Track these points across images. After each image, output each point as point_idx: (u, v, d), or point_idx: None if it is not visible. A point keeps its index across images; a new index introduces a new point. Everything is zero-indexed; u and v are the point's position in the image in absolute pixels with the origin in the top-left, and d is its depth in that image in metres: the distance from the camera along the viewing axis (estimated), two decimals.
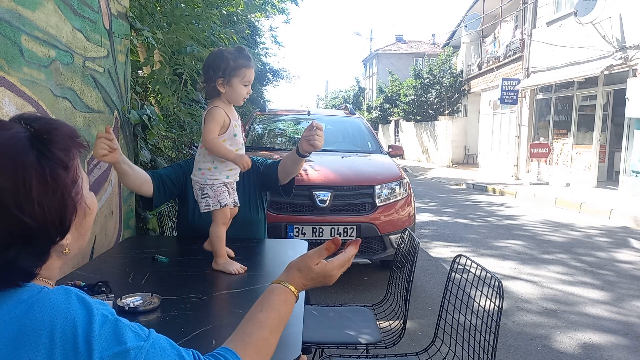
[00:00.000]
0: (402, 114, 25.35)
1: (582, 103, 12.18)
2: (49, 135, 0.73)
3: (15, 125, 0.73)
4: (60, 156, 0.73)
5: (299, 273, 0.99)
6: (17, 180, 0.67)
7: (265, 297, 0.95)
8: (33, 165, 0.69)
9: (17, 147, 0.69)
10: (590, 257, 5.47)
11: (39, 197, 0.69)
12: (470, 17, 18.58)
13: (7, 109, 1.67)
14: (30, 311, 0.67)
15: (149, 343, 0.72)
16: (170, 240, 2.81)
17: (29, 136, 0.71)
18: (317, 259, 1.01)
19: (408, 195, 4.43)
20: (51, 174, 0.71)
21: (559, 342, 3.29)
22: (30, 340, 0.65)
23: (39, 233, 0.71)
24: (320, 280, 1.02)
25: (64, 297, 0.69)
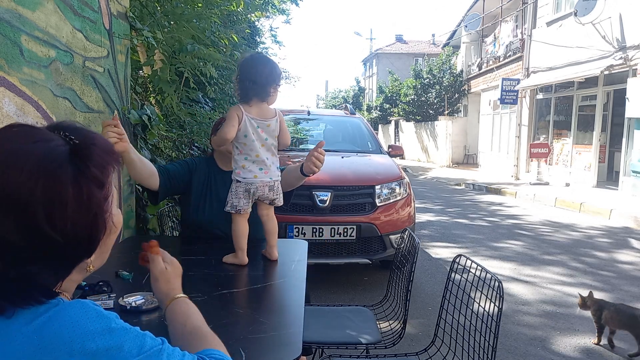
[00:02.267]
0: (402, 113, 25.35)
1: (582, 103, 12.18)
2: (87, 151, 0.71)
3: (55, 137, 0.71)
4: (97, 174, 0.71)
5: (168, 284, 1.08)
6: (52, 195, 0.66)
7: (175, 316, 1.00)
8: (70, 182, 0.68)
9: (56, 162, 0.68)
10: (590, 258, 5.47)
11: (73, 214, 0.68)
12: (470, 17, 18.58)
13: (7, 109, 1.67)
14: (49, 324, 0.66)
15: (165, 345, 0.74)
16: (171, 240, 2.80)
17: (69, 150, 0.70)
18: (161, 264, 1.12)
19: (408, 195, 4.43)
20: (87, 193, 0.69)
21: (559, 344, 3.29)
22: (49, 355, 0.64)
23: (66, 251, 0.69)
24: (178, 271, 1.13)
25: (82, 311, 0.68)
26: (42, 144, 0.69)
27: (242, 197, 1.94)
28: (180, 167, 2.37)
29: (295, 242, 2.49)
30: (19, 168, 0.65)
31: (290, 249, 2.25)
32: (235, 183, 1.96)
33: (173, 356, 0.73)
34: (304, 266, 1.93)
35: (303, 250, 2.13)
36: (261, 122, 1.93)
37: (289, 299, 1.65)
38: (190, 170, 2.38)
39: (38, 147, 0.68)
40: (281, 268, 1.97)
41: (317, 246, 4.02)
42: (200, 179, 2.39)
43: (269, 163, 1.95)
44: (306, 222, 4.01)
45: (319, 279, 4.37)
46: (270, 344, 1.30)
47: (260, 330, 1.34)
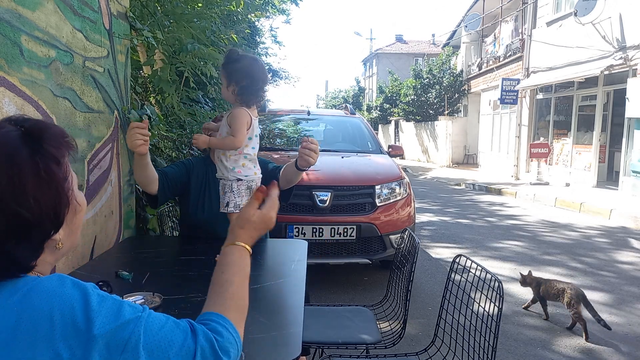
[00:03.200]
0: (402, 114, 25.35)
1: (582, 103, 12.18)
2: (40, 133, 0.76)
3: (6, 125, 0.76)
4: (52, 152, 0.76)
5: (241, 230, 1.02)
6: (12, 176, 0.71)
7: (222, 260, 0.98)
8: (27, 162, 0.73)
9: (10, 145, 0.73)
10: (590, 258, 5.47)
11: (35, 191, 0.73)
12: (470, 17, 18.58)
13: (7, 109, 1.67)
14: (27, 298, 0.70)
15: (145, 314, 0.76)
16: (171, 240, 2.81)
17: (21, 134, 0.75)
18: (252, 209, 1.05)
19: (408, 195, 4.43)
20: (45, 169, 0.74)
21: (558, 344, 3.29)
22: (30, 325, 0.67)
23: (35, 226, 0.74)
24: (263, 226, 1.05)
25: (58, 282, 0.72)
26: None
27: (245, 195, 1.97)
28: (177, 169, 2.38)
29: (295, 242, 2.49)
30: None
31: (290, 249, 2.26)
32: (236, 182, 1.97)
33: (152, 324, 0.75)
34: (304, 266, 1.93)
35: (303, 250, 2.13)
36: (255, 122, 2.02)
37: (288, 299, 1.66)
38: (188, 171, 2.39)
39: None
40: (281, 268, 1.97)
41: (317, 246, 4.02)
42: (199, 178, 2.40)
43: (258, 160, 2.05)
44: (306, 222, 4.01)
45: (319, 279, 4.37)
46: (270, 344, 1.30)
47: (260, 330, 1.34)
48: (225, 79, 1.95)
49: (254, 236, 1.04)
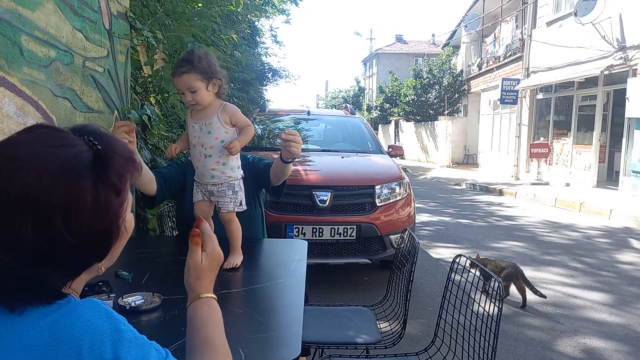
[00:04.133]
0: (402, 113, 25.35)
1: (582, 103, 12.18)
2: (109, 159, 0.73)
3: (80, 143, 0.73)
4: (115, 182, 0.73)
5: (198, 280, 0.99)
6: (71, 200, 0.68)
7: (194, 318, 0.95)
8: (90, 188, 0.70)
9: (78, 168, 0.69)
10: (590, 258, 5.47)
11: (89, 220, 0.70)
12: (470, 17, 18.58)
13: (7, 109, 1.67)
14: (58, 323, 0.67)
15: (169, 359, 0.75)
16: (171, 240, 2.81)
17: (92, 156, 0.72)
18: (197, 257, 1.01)
19: (408, 195, 4.43)
20: (105, 200, 0.71)
21: (559, 344, 3.29)
22: (58, 352, 0.65)
23: (79, 254, 0.71)
24: (215, 264, 1.03)
25: (92, 311, 0.70)
26: (66, 148, 0.71)
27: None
28: (173, 169, 2.37)
29: (295, 242, 2.49)
30: (42, 171, 0.67)
31: (290, 249, 2.25)
32: (240, 181, 1.98)
33: None
34: (304, 266, 1.93)
35: (303, 250, 2.13)
36: None
37: (288, 299, 1.65)
38: (184, 171, 2.38)
39: (62, 152, 0.70)
40: (281, 268, 1.97)
41: (317, 246, 4.02)
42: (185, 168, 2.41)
43: None
44: (306, 222, 4.01)
45: (319, 279, 4.37)
46: (269, 344, 1.30)
47: (260, 330, 1.34)
48: (201, 81, 1.81)
49: (212, 279, 1.02)
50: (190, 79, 1.80)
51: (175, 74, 1.83)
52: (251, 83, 13.33)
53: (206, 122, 1.89)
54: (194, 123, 1.90)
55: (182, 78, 1.81)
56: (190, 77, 1.80)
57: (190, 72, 1.80)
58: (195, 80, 1.80)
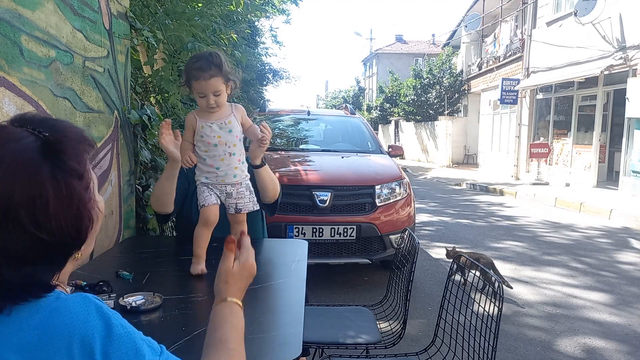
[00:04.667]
0: (402, 113, 25.35)
1: (582, 103, 12.19)
2: (60, 145, 0.69)
3: (25, 135, 0.69)
4: (74, 166, 0.70)
5: (227, 285, 1.00)
6: (33, 196, 0.65)
7: (215, 318, 0.96)
8: (48, 180, 0.66)
9: (31, 161, 0.66)
10: (590, 258, 5.47)
11: (56, 211, 0.67)
12: (470, 17, 18.58)
13: (7, 109, 1.67)
14: (48, 320, 0.66)
15: (163, 358, 0.73)
16: (171, 240, 2.81)
17: (41, 146, 0.68)
18: (229, 263, 1.02)
19: (408, 195, 4.43)
20: (66, 187, 0.68)
21: (559, 344, 3.29)
22: (49, 349, 0.65)
23: (56, 247, 0.69)
24: (246, 275, 1.04)
25: (82, 306, 0.69)
26: (12, 144, 0.66)
27: None
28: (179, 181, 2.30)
29: (295, 242, 2.49)
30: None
31: (290, 249, 2.25)
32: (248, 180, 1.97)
33: None
34: (304, 266, 1.93)
35: (303, 250, 2.13)
36: None
37: (289, 298, 1.65)
38: (187, 178, 2.33)
39: (9, 150, 0.66)
40: (281, 268, 1.97)
41: (317, 246, 4.02)
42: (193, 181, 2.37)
43: None
44: (306, 222, 4.01)
45: (319, 279, 4.37)
46: (270, 344, 1.30)
47: (260, 330, 1.34)
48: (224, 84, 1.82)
49: (241, 288, 1.02)
50: (218, 83, 1.80)
51: (202, 77, 1.78)
52: (251, 83, 13.33)
53: (225, 122, 1.88)
54: (210, 123, 1.86)
55: (211, 82, 1.79)
56: (218, 81, 1.80)
57: (218, 75, 1.80)
58: (221, 84, 1.81)
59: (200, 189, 1.90)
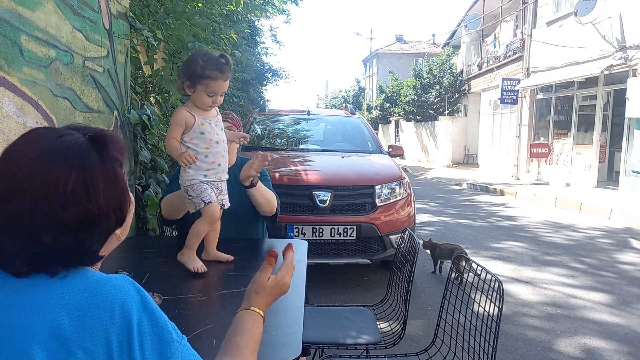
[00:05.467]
0: (402, 113, 25.35)
1: (582, 103, 12.18)
2: (104, 139, 0.85)
3: (73, 132, 0.84)
4: (117, 156, 0.86)
5: (257, 295, 1.08)
6: (86, 177, 0.80)
7: (237, 323, 1.04)
8: (98, 164, 0.82)
9: (82, 150, 0.81)
10: (590, 259, 5.46)
11: (104, 190, 0.82)
12: (470, 17, 18.57)
13: (7, 108, 1.67)
14: (96, 287, 0.79)
15: (184, 341, 0.84)
16: (171, 240, 2.80)
17: (89, 140, 0.83)
18: (266, 276, 1.10)
19: (408, 195, 4.43)
20: (112, 171, 0.84)
21: (559, 344, 3.29)
22: (95, 311, 0.76)
23: (103, 220, 0.83)
24: (277, 292, 1.12)
25: (123, 281, 0.82)
26: (66, 137, 0.82)
27: None
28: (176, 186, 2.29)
29: (295, 242, 2.48)
30: (55, 162, 0.78)
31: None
32: None
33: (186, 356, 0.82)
34: (304, 266, 1.93)
35: (303, 250, 2.13)
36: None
37: (288, 299, 1.64)
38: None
39: (65, 140, 0.81)
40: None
41: (317, 246, 4.02)
42: None
43: None
44: (306, 222, 4.01)
45: (319, 279, 4.36)
46: (270, 344, 1.30)
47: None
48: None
49: (268, 302, 1.10)
50: (227, 84, 1.86)
51: (221, 78, 1.80)
52: (251, 83, 13.32)
53: (218, 120, 1.92)
54: (209, 120, 1.86)
55: (226, 83, 1.84)
56: (228, 83, 1.87)
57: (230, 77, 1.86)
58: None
59: (200, 187, 1.88)
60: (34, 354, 0.71)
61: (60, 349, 0.73)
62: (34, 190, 0.77)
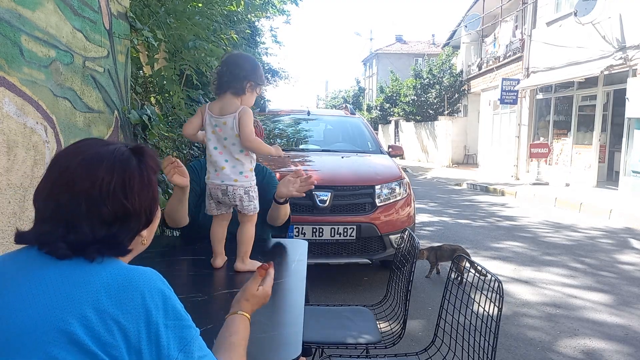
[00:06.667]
0: (402, 113, 25.36)
1: (582, 103, 12.19)
2: (142, 150, 1.01)
3: (117, 143, 1.01)
4: (152, 164, 1.01)
5: (246, 302, 1.21)
6: (124, 178, 0.94)
7: (230, 326, 1.14)
8: (136, 169, 0.97)
9: (124, 156, 0.97)
10: (590, 259, 5.47)
11: (139, 191, 0.96)
12: (470, 17, 18.57)
13: (7, 109, 1.67)
14: (130, 272, 0.91)
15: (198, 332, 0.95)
16: (171, 240, 2.80)
17: (129, 149, 0.99)
18: (256, 285, 1.24)
19: (408, 195, 4.43)
20: (147, 176, 0.99)
21: (559, 345, 3.29)
22: (129, 292, 0.88)
23: (135, 218, 0.96)
24: (262, 301, 1.25)
25: (151, 271, 0.94)
26: (111, 145, 0.98)
27: (208, 198, 1.88)
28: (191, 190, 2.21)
29: (295, 242, 2.49)
30: (101, 165, 0.93)
31: (290, 249, 2.25)
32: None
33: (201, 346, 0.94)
34: (304, 266, 1.93)
35: (303, 250, 2.13)
36: (218, 120, 1.79)
37: (289, 298, 1.65)
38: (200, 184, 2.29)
39: (110, 148, 0.97)
40: (281, 268, 1.96)
41: (317, 246, 4.02)
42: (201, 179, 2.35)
43: (224, 164, 1.81)
44: (306, 222, 4.01)
45: (319, 279, 4.37)
46: (270, 344, 1.30)
47: (260, 330, 1.34)
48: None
49: (254, 308, 1.22)
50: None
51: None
52: None
53: None
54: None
55: None
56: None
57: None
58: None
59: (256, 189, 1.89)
60: (72, 324, 0.82)
61: (98, 321, 0.83)
62: (80, 188, 0.91)
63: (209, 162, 1.84)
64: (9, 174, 1.69)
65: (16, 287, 0.86)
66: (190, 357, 0.90)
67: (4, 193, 1.68)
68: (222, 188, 1.81)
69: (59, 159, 0.96)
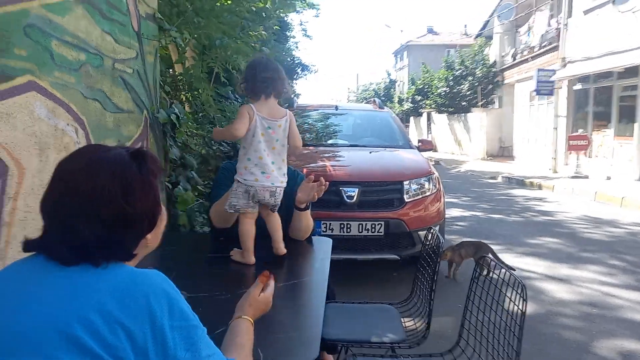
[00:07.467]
0: (434, 105, 24.98)
1: (623, 93, 11.71)
2: (142, 154, 1.02)
3: (117, 148, 1.02)
4: (152, 168, 1.01)
5: (250, 307, 1.24)
6: (125, 183, 0.95)
7: (236, 328, 1.17)
8: (135, 173, 0.97)
9: (124, 161, 0.97)
10: (631, 256, 5.25)
11: (140, 195, 0.97)
12: (502, 6, 18.08)
13: (39, 112, 1.73)
14: (135, 276, 0.92)
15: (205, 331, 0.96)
16: (199, 237, 2.85)
17: (130, 154, 1.00)
18: (258, 291, 1.27)
19: (438, 190, 4.37)
20: (147, 180, 0.99)
21: (595, 346, 3.17)
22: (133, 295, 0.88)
23: (137, 221, 0.97)
24: (264, 307, 1.28)
25: (156, 273, 0.95)
26: (112, 151, 0.99)
27: (242, 198, 1.90)
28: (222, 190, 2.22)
29: (319, 240, 2.48)
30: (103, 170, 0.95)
31: (313, 247, 2.25)
32: (235, 183, 1.93)
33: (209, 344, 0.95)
34: (327, 265, 1.93)
35: (327, 249, 2.13)
36: (272, 122, 1.85)
37: (309, 298, 1.66)
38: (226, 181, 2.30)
39: (111, 153, 0.98)
40: (304, 266, 1.97)
41: (345, 242, 4.01)
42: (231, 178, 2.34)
43: (272, 167, 1.85)
44: (334, 217, 4.01)
45: (347, 274, 4.36)
46: (288, 345, 1.31)
47: (280, 331, 1.35)
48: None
49: (256, 314, 1.25)
50: None
51: None
52: None
53: None
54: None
55: None
56: None
57: None
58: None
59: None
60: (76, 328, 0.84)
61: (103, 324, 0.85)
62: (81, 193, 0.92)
63: (256, 164, 1.87)
64: (41, 175, 1.76)
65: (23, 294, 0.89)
66: (197, 356, 0.91)
67: (37, 194, 1.74)
68: (272, 190, 1.89)
69: (62, 165, 0.98)
